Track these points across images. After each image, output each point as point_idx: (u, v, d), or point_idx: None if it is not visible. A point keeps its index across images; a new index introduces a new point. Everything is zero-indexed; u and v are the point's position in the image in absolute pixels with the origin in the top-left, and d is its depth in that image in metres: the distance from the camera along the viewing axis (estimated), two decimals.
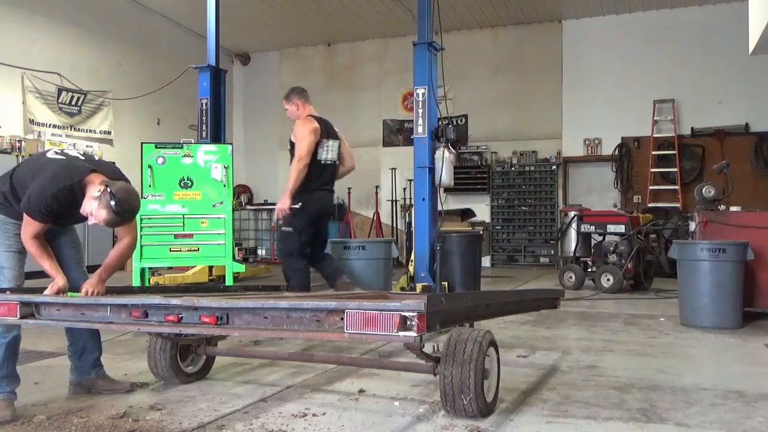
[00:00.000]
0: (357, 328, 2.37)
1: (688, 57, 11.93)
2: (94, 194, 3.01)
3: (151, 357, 3.48)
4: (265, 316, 2.57)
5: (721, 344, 4.79)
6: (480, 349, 2.80)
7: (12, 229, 3.16)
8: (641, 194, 12.36)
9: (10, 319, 2.87)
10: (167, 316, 2.69)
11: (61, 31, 11.09)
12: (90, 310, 2.90)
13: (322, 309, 2.46)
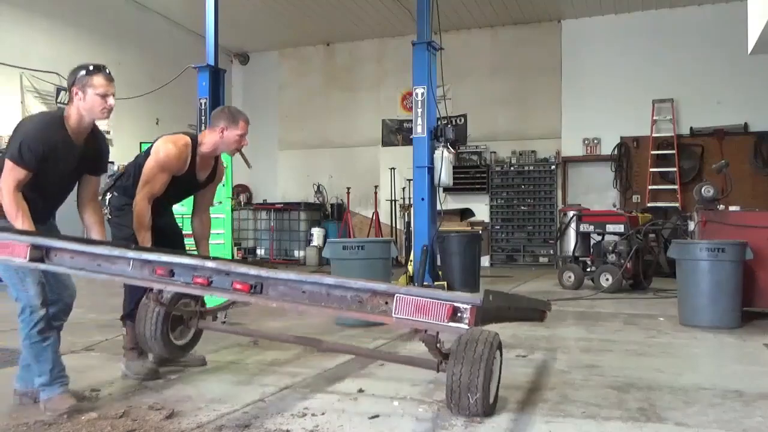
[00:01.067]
0: (405, 313, 2.36)
1: (687, 57, 11.93)
2: (74, 100, 3.03)
3: (142, 324, 3.38)
4: (303, 290, 2.51)
5: (720, 344, 4.79)
6: (490, 351, 2.80)
7: None
8: (640, 194, 12.37)
9: (17, 260, 2.79)
10: (196, 278, 2.59)
11: (60, 31, 11.08)
12: (108, 261, 2.78)
13: (369, 290, 2.43)
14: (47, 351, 3.00)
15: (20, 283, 2.97)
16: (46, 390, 2.99)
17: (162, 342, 3.39)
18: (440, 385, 3.46)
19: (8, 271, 2.98)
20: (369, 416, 2.95)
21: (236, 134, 3.72)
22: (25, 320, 2.98)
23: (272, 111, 15.07)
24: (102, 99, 3.04)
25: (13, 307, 2.75)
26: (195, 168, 3.75)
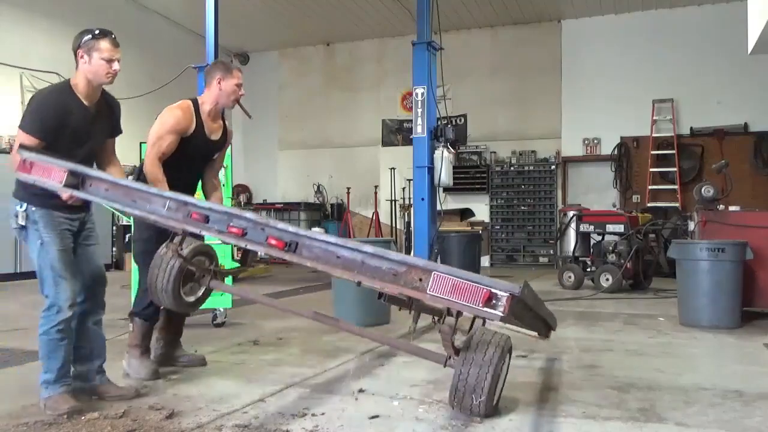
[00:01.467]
0: (440, 292, 2.35)
1: (687, 57, 11.93)
2: (79, 64, 3.07)
3: (155, 273, 3.31)
4: (338, 256, 2.51)
5: (720, 344, 4.79)
6: (501, 354, 2.79)
7: (59, 223, 3.06)
8: (640, 194, 12.37)
9: (52, 183, 2.78)
10: (231, 227, 2.57)
11: (59, 31, 11.07)
12: (144, 199, 2.76)
13: (406, 264, 2.42)
14: (61, 350, 3.01)
15: (54, 282, 2.99)
16: (49, 388, 2.99)
17: (172, 295, 3.32)
18: (440, 385, 3.47)
19: (46, 268, 2.99)
20: (369, 416, 2.95)
21: (233, 84, 3.80)
22: (49, 317, 2.99)
23: (272, 111, 15.06)
24: (107, 63, 3.06)
25: (13, 308, 2.77)
26: (204, 129, 3.77)
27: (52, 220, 3.04)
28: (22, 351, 4.40)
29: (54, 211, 3.05)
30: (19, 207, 3.04)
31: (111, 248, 10.90)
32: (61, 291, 2.99)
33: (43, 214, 3.01)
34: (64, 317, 2.98)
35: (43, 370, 3.02)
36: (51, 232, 3.02)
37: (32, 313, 6.24)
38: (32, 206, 3.01)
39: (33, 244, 3.03)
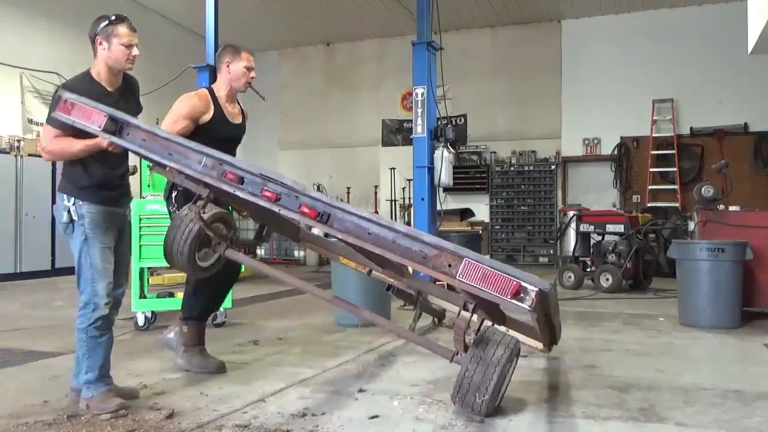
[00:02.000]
0: (470, 279, 2.36)
1: (687, 57, 11.93)
2: (98, 51, 3.14)
3: (173, 234, 3.28)
4: (369, 232, 2.51)
5: (720, 344, 4.79)
6: (510, 356, 2.79)
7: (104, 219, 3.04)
8: (640, 194, 12.37)
9: (91, 126, 2.77)
10: (265, 191, 2.57)
11: (59, 31, 11.07)
12: (180, 153, 2.74)
13: (438, 247, 2.42)
14: (101, 347, 3.00)
15: (92, 280, 2.97)
16: (92, 387, 2.97)
17: (186, 257, 3.30)
18: (440, 386, 3.47)
19: (86, 265, 2.98)
20: (369, 416, 2.95)
21: (242, 66, 3.78)
22: (86, 315, 2.98)
23: (272, 111, 15.04)
24: (127, 48, 3.05)
25: (13, 308, 2.76)
26: (225, 114, 3.78)
27: (99, 215, 3.01)
28: (22, 351, 4.40)
29: (102, 206, 3.02)
30: (67, 201, 2.99)
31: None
32: (99, 288, 2.98)
33: (91, 209, 2.99)
34: (101, 314, 2.98)
35: (83, 369, 2.98)
36: (96, 229, 3.00)
37: (32, 313, 6.27)
38: (80, 201, 2.98)
39: (76, 240, 2.99)
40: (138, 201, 5.24)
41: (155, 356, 4.23)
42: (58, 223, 3.06)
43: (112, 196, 3.09)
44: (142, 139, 2.83)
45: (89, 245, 2.98)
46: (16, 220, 9.37)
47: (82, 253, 2.98)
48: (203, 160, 2.70)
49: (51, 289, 8.26)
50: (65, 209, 2.99)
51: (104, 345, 3.02)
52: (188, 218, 3.23)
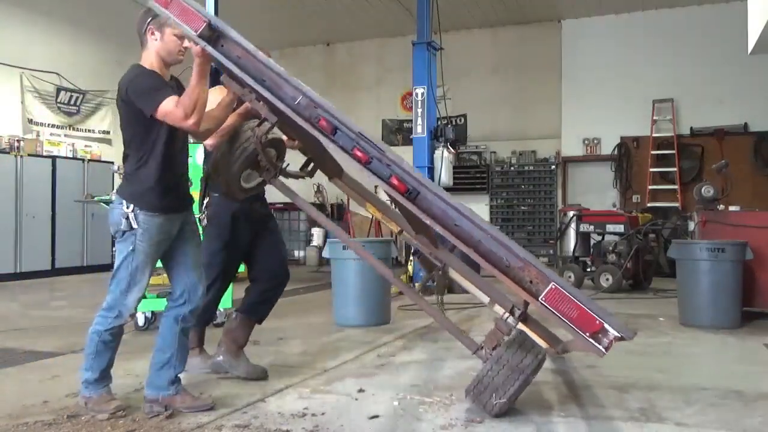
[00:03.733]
0: (552, 305, 2.27)
1: (688, 57, 11.93)
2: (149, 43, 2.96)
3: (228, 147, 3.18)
4: (456, 223, 2.43)
5: (720, 344, 4.79)
6: (535, 368, 2.79)
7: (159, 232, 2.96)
8: (640, 194, 12.36)
9: (187, 28, 2.62)
10: (357, 149, 2.47)
11: (59, 31, 11.08)
12: (277, 85, 2.60)
13: (524, 261, 2.33)
14: (110, 352, 2.99)
15: (127, 288, 2.94)
16: (90, 387, 2.95)
17: (232, 175, 3.22)
18: (440, 385, 3.47)
19: (125, 272, 2.93)
20: (369, 416, 2.95)
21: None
22: (107, 319, 2.94)
23: None
24: (179, 40, 2.93)
25: (13, 308, 2.74)
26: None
27: (154, 228, 2.93)
28: (22, 351, 4.40)
29: (162, 215, 2.94)
30: (126, 208, 2.90)
31: (111, 248, 10.90)
32: (130, 299, 2.95)
33: (147, 221, 2.90)
34: (121, 322, 2.96)
35: (84, 367, 2.96)
36: (147, 241, 2.93)
37: (32, 313, 6.27)
38: (139, 209, 2.90)
39: (124, 246, 2.93)
40: None
41: None
42: (111, 224, 2.97)
43: (174, 202, 3.01)
44: (238, 56, 2.67)
45: (135, 256, 2.92)
46: (16, 220, 9.37)
47: (125, 260, 2.93)
48: (299, 98, 2.54)
49: (51, 289, 8.26)
50: (124, 216, 2.89)
51: (113, 349, 3.00)
52: (246, 135, 3.11)
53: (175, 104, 2.78)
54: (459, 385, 3.47)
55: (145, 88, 2.84)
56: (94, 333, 2.94)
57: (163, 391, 3.00)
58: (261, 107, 2.90)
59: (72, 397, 3.23)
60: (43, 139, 10.22)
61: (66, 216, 9.97)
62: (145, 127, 2.88)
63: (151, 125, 2.87)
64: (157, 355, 3.07)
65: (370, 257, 3.45)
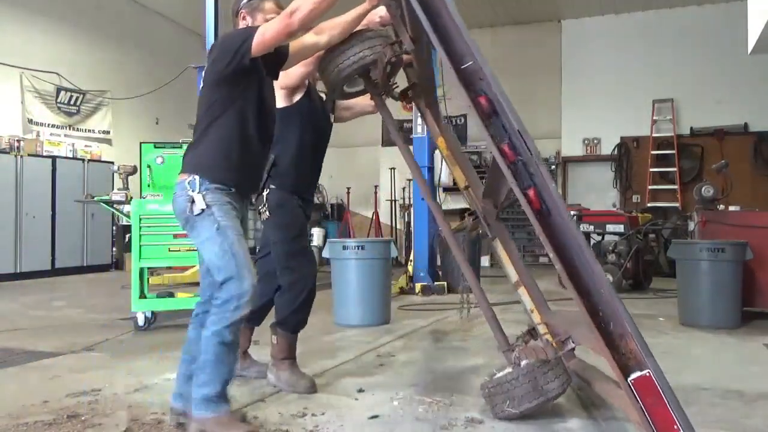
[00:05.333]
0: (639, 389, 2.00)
1: (687, 57, 11.94)
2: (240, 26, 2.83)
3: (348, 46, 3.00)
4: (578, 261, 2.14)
5: (720, 344, 4.79)
6: (557, 395, 2.80)
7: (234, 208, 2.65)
8: (640, 194, 12.37)
9: None
10: (506, 145, 2.18)
11: (59, 31, 11.08)
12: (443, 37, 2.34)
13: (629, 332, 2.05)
14: (232, 355, 2.56)
15: (237, 273, 2.51)
16: (212, 405, 2.50)
17: (342, 74, 3.04)
18: (440, 386, 3.47)
19: (226, 254, 2.53)
20: (369, 416, 2.95)
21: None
22: (225, 315, 2.50)
23: None
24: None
25: (13, 308, 2.68)
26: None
27: (226, 203, 2.62)
28: (22, 351, 4.40)
29: (227, 193, 2.63)
30: (191, 189, 2.58)
31: (111, 248, 10.91)
32: (246, 283, 2.51)
33: (215, 197, 2.59)
34: (242, 314, 2.53)
35: (202, 381, 2.51)
36: (226, 215, 2.59)
37: (32, 313, 6.26)
38: (209, 183, 2.58)
39: (205, 230, 2.56)
40: (138, 201, 5.24)
41: (155, 356, 4.23)
42: (179, 215, 2.64)
43: (244, 182, 2.73)
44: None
45: (225, 235, 2.54)
46: (16, 220, 9.37)
47: (214, 242, 2.53)
48: (469, 63, 2.26)
49: (51, 289, 8.26)
50: (189, 200, 2.57)
51: (235, 353, 2.59)
52: (373, 44, 2.96)
53: (286, 14, 2.55)
54: (459, 385, 3.47)
55: (239, 32, 2.70)
56: (213, 335, 2.50)
57: (198, 410, 2.54)
58: (403, 31, 2.77)
59: (72, 397, 3.23)
60: (43, 139, 10.22)
61: (66, 216, 9.97)
62: (227, 93, 2.65)
63: (233, 96, 2.65)
64: (182, 366, 2.72)
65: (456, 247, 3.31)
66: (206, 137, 2.67)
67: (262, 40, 2.55)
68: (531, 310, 3.27)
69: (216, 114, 2.67)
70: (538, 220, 2.17)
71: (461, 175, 3.50)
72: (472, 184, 3.48)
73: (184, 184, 2.62)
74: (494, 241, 3.35)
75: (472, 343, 4.80)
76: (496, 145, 2.21)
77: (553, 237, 2.18)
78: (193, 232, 2.62)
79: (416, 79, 3.42)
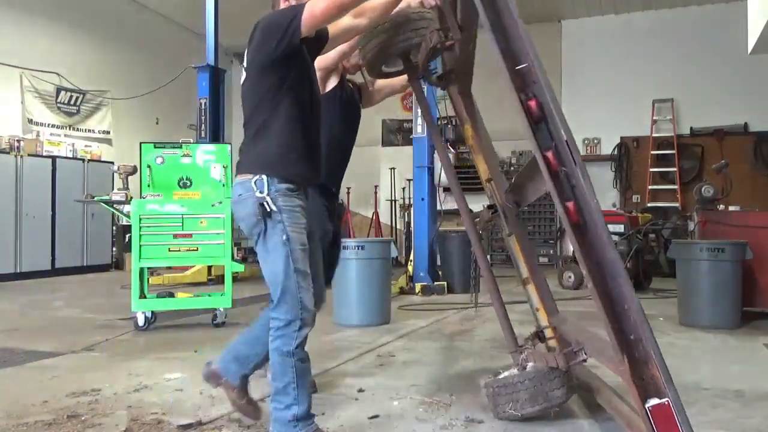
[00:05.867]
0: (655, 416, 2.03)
1: (687, 57, 11.94)
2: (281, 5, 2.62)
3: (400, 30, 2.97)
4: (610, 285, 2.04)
5: (720, 344, 4.79)
6: (560, 403, 2.80)
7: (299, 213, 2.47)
8: (640, 194, 12.37)
9: None
10: (551, 153, 2.06)
11: (60, 31, 11.08)
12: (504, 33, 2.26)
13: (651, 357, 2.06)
14: (308, 372, 2.50)
15: (296, 290, 2.40)
16: (302, 425, 2.42)
17: (383, 53, 3.02)
18: (440, 386, 3.47)
19: (288, 272, 2.39)
20: (369, 416, 2.95)
21: None
22: (290, 335, 2.42)
23: None
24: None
25: (13, 308, 2.67)
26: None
27: (297, 209, 2.45)
28: (22, 351, 4.40)
29: (297, 195, 2.47)
30: (258, 190, 2.40)
31: (111, 248, 10.91)
32: (306, 300, 2.43)
33: (286, 201, 2.41)
34: (308, 331, 2.47)
35: (289, 402, 2.42)
36: (295, 224, 2.42)
37: (32, 313, 6.26)
38: (275, 181, 2.40)
39: (271, 239, 2.40)
40: (138, 201, 5.24)
41: (155, 356, 4.23)
42: (245, 219, 2.46)
43: (315, 177, 2.59)
44: None
45: (292, 248, 2.38)
46: (16, 220, 9.37)
47: (282, 257, 2.38)
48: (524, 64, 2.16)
49: (51, 289, 8.26)
50: (258, 202, 2.39)
51: (309, 368, 2.51)
52: (419, 26, 2.93)
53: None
54: (459, 385, 3.47)
55: (285, 11, 2.48)
56: (284, 358, 2.42)
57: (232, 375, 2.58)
58: (452, 19, 2.74)
59: (72, 397, 3.23)
60: (43, 139, 10.22)
61: (66, 216, 9.97)
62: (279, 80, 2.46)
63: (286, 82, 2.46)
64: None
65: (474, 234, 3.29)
66: (266, 130, 2.47)
67: (312, 16, 2.33)
68: (537, 309, 3.25)
69: (271, 104, 2.47)
70: (575, 235, 2.11)
71: (484, 166, 3.44)
72: (495, 176, 3.42)
73: (249, 184, 2.42)
74: (509, 237, 3.32)
75: (472, 343, 4.80)
76: (542, 152, 2.10)
77: (589, 255, 2.09)
78: (259, 239, 2.44)
79: (454, 65, 3.37)
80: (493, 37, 2.24)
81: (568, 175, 2.10)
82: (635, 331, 2.07)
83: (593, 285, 2.06)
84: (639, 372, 2.07)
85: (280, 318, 2.42)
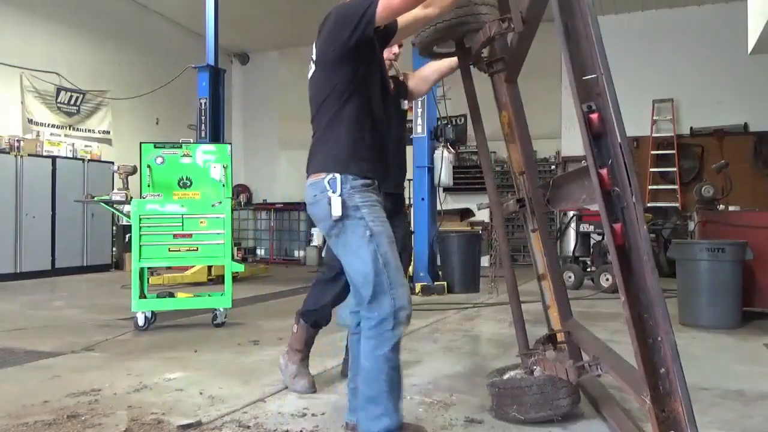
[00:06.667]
0: None
1: (687, 57, 11.93)
2: None
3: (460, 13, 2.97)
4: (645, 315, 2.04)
5: (720, 344, 4.79)
6: (565, 412, 2.80)
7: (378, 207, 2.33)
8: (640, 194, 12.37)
9: None
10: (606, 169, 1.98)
11: (60, 31, 11.08)
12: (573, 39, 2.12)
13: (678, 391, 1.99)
14: (401, 377, 2.29)
15: (389, 286, 2.22)
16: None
17: (435, 36, 3.00)
18: (440, 386, 3.47)
19: (377, 269, 2.23)
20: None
21: None
22: (385, 335, 2.21)
23: (272, 111, 15.07)
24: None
25: (13, 308, 2.66)
26: None
27: (376, 204, 2.31)
28: (23, 351, 4.40)
29: (373, 190, 2.33)
30: (331, 190, 2.27)
31: (111, 248, 10.91)
32: (401, 296, 2.23)
33: (364, 197, 2.27)
34: (402, 330, 2.25)
35: (381, 412, 2.22)
36: (377, 218, 2.27)
37: (32, 313, 6.26)
38: (349, 179, 2.27)
39: (355, 237, 2.25)
40: (138, 201, 5.24)
41: (155, 356, 4.23)
42: (321, 220, 2.32)
43: (388, 174, 2.50)
44: None
45: (378, 242, 2.23)
46: (16, 220, 9.37)
47: (368, 252, 2.22)
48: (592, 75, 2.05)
49: (51, 289, 8.26)
50: (329, 201, 2.26)
51: (401, 378, 2.29)
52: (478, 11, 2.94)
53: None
54: (459, 385, 3.47)
55: (357, 1, 2.31)
56: (378, 361, 2.21)
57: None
58: (516, 11, 2.71)
59: (72, 397, 3.24)
60: (43, 139, 10.22)
61: (66, 216, 9.97)
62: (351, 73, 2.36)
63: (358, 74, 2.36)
64: (354, 380, 2.46)
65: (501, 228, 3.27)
66: (336, 126, 2.36)
67: (389, 4, 2.19)
68: (548, 306, 3.23)
69: (343, 98, 2.35)
70: (618, 258, 2.01)
71: (518, 157, 3.35)
72: (529, 169, 3.35)
73: (322, 184, 2.29)
74: (533, 233, 3.30)
75: (471, 343, 4.80)
76: (596, 167, 2.01)
77: (629, 280, 2.02)
78: (339, 239, 2.29)
79: (505, 56, 3.33)
80: (564, 43, 2.13)
81: (619, 196, 2.04)
82: (665, 363, 2.08)
83: (629, 310, 2.02)
84: (661, 404, 2.00)
85: (372, 317, 2.24)
